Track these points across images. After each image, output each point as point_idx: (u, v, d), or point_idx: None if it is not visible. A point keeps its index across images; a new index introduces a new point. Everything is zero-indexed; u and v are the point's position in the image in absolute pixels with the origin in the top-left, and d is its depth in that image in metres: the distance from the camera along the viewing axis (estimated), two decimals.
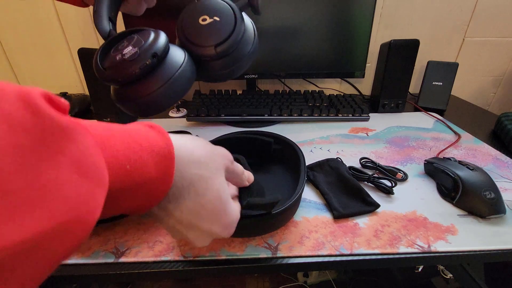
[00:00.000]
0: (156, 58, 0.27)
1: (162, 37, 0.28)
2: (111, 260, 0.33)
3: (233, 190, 0.30)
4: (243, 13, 0.33)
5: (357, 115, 0.69)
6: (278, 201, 0.31)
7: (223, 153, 0.27)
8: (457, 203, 0.41)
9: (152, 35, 0.28)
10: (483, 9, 0.82)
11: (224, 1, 0.31)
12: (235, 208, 0.27)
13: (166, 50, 0.28)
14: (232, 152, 0.29)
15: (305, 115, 0.68)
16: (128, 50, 0.26)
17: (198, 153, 0.24)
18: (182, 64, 0.29)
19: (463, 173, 0.42)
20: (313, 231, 0.37)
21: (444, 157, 0.49)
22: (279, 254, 0.34)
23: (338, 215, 0.39)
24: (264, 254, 0.34)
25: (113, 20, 0.32)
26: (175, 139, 0.23)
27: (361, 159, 0.51)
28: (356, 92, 0.91)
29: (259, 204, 0.30)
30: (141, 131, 0.21)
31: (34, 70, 0.85)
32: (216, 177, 0.25)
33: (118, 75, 0.26)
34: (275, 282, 0.97)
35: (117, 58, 0.26)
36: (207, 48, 0.30)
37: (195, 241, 0.26)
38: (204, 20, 0.31)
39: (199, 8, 0.31)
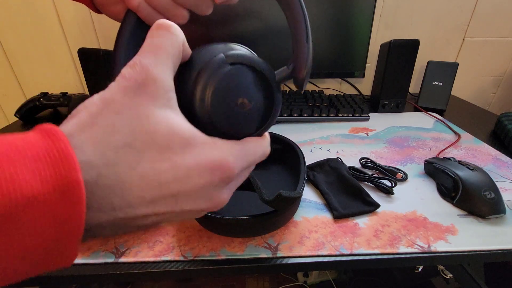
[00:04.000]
0: None
1: None
2: (111, 260, 0.33)
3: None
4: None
5: (357, 115, 0.69)
6: (301, 196, 0.30)
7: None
8: (457, 203, 0.41)
9: None
10: (483, 9, 0.82)
11: (262, 72, 0.20)
12: (209, 141, 0.18)
13: None
14: None
15: (305, 115, 0.68)
16: None
17: (104, 119, 0.16)
18: None
19: (463, 173, 0.42)
20: (313, 231, 0.37)
21: (444, 157, 0.49)
22: (279, 254, 0.34)
23: (338, 215, 0.39)
24: (264, 254, 0.34)
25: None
26: (73, 126, 0.16)
27: (361, 159, 0.51)
28: (356, 92, 0.91)
29: (290, 197, 0.29)
30: (12, 136, 0.14)
31: (34, 70, 0.85)
32: (141, 126, 0.16)
33: None
34: (275, 282, 0.97)
35: None
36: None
37: (204, 208, 0.19)
38: (242, 106, 0.20)
39: (230, 85, 0.19)
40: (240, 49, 0.21)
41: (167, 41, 0.18)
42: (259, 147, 0.21)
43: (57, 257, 0.14)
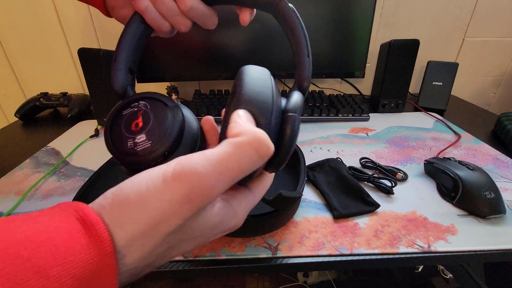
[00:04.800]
0: (166, 156, 0.22)
1: (176, 128, 0.22)
2: None
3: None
4: None
5: (357, 115, 0.69)
6: (301, 196, 0.30)
7: (188, 192, 0.15)
8: (457, 203, 0.41)
9: (168, 123, 0.22)
10: (483, 9, 0.82)
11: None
12: (233, 216, 0.20)
13: (177, 147, 0.22)
14: None
15: (305, 115, 0.68)
16: (141, 140, 0.22)
17: (153, 220, 0.15)
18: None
19: (463, 173, 0.42)
20: (313, 231, 0.37)
21: (444, 157, 0.49)
22: (279, 254, 0.34)
23: (338, 215, 0.39)
24: (264, 254, 0.34)
25: (133, 70, 0.27)
26: (120, 226, 0.15)
27: (361, 159, 0.51)
28: (356, 92, 0.91)
29: (290, 197, 0.30)
30: (61, 241, 0.13)
31: (34, 70, 0.85)
32: (184, 234, 0.17)
33: (127, 163, 0.23)
34: (275, 282, 0.97)
35: (129, 144, 0.23)
36: None
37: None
38: None
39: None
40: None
41: (254, 168, 0.17)
42: (264, 192, 0.23)
43: None
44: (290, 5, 0.24)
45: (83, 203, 0.15)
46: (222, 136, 0.20)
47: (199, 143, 0.24)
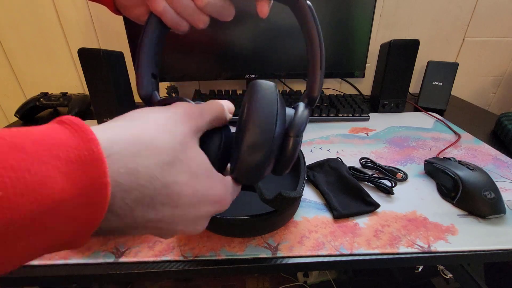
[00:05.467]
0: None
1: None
2: (111, 260, 0.33)
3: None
4: None
5: (357, 115, 0.69)
6: (301, 196, 0.32)
7: (184, 112, 0.20)
8: (457, 203, 0.41)
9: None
10: (483, 9, 0.82)
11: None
12: (221, 179, 0.22)
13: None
14: None
15: None
16: None
17: (148, 135, 0.17)
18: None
19: (463, 173, 0.42)
20: (313, 231, 0.37)
21: (444, 157, 0.49)
22: (279, 254, 0.34)
23: (338, 215, 0.39)
24: (264, 254, 0.34)
25: (155, 74, 0.27)
26: (105, 129, 0.16)
27: (361, 159, 0.51)
28: (356, 92, 0.91)
29: (290, 197, 0.30)
30: (39, 132, 0.13)
31: (34, 70, 0.85)
32: (184, 152, 0.18)
33: None
34: (275, 282, 0.97)
35: None
36: None
37: (188, 231, 0.21)
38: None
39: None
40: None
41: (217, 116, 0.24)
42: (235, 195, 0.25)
43: (68, 246, 0.15)
44: (309, 2, 0.25)
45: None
46: (237, 141, 0.24)
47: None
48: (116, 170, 0.15)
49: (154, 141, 0.17)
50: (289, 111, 0.25)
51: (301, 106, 0.25)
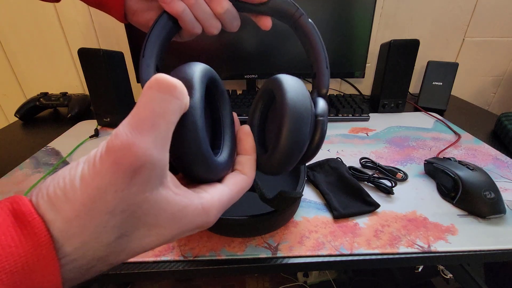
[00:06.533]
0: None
1: None
2: None
3: None
4: None
5: (357, 115, 0.69)
6: (301, 196, 0.32)
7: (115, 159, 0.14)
8: (457, 203, 0.41)
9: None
10: (483, 9, 0.82)
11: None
12: (198, 211, 0.18)
13: None
14: None
15: None
16: None
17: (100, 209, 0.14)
18: None
19: (463, 173, 0.42)
20: (313, 231, 0.37)
21: (444, 157, 0.49)
22: (279, 254, 0.34)
23: (338, 215, 0.39)
24: (264, 254, 0.34)
25: (159, 68, 0.26)
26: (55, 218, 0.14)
27: (361, 159, 0.51)
28: (356, 92, 0.91)
29: (290, 197, 0.30)
30: None
31: (34, 70, 0.85)
32: (135, 215, 0.15)
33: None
34: (275, 282, 0.96)
35: None
36: None
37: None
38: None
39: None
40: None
41: (170, 110, 0.15)
42: (242, 192, 0.22)
43: None
44: (310, 20, 0.26)
45: (20, 195, 0.14)
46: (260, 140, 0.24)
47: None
48: (65, 269, 0.14)
49: (97, 204, 0.14)
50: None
51: (320, 100, 0.26)
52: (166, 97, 0.15)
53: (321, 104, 0.25)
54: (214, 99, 0.24)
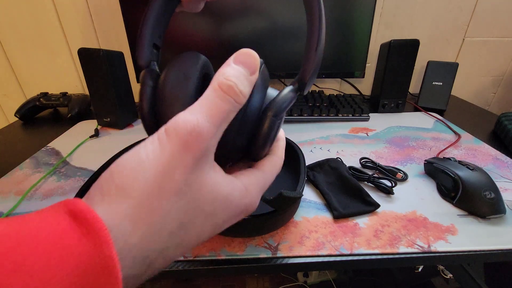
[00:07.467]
0: None
1: None
2: None
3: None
4: None
5: (357, 115, 0.69)
6: (301, 196, 0.31)
7: (180, 146, 0.15)
8: (457, 203, 0.41)
9: None
10: (483, 9, 0.82)
11: None
12: (242, 194, 0.19)
13: None
14: None
15: (305, 115, 0.68)
16: None
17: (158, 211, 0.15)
18: None
19: (463, 173, 0.42)
20: (313, 231, 0.37)
21: (444, 157, 0.49)
22: (279, 254, 0.34)
23: (338, 215, 0.39)
24: (264, 254, 0.34)
25: (158, 45, 0.25)
26: (114, 218, 0.14)
27: (361, 159, 0.51)
28: (356, 92, 0.91)
29: (290, 197, 0.30)
30: (47, 238, 0.12)
31: (34, 70, 0.85)
32: (188, 203, 0.16)
33: None
34: (275, 282, 0.97)
35: None
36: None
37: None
38: None
39: None
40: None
41: (232, 112, 0.17)
42: (275, 172, 0.22)
43: None
44: None
45: (71, 198, 0.14)
46: None
47: None
48: (126, 266, 0.14)
49: (165, 184, 0.15)
50: (274, 91, 0.23)
51: (287, 88, 0.22)
52: (236, 105, 0.17)
53: (280, 98, 0.21)
54: None
